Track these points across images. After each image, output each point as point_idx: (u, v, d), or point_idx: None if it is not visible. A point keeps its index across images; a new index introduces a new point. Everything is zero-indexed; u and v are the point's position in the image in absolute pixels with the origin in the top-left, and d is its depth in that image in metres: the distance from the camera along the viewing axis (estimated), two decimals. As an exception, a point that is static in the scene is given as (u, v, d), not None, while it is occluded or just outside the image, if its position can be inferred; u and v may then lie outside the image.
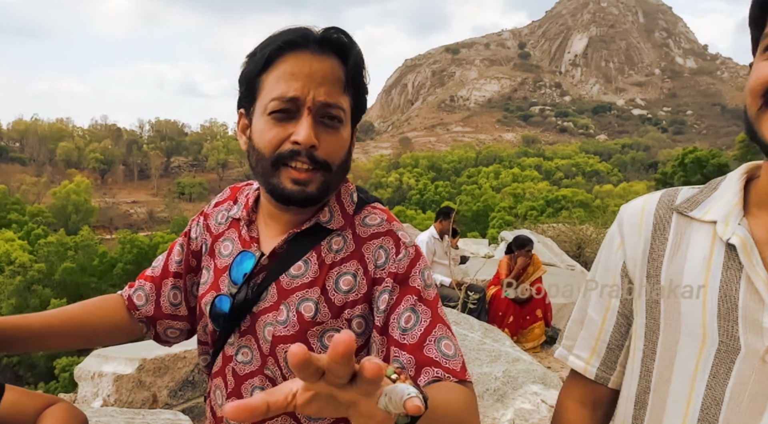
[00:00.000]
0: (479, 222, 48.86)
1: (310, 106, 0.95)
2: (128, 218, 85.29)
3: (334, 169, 1.00)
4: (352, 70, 0.99)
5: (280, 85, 0.96)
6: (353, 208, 1.08)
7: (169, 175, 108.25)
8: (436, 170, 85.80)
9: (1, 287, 32.51)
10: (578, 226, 10.89)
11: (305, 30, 0.99)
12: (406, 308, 0.97)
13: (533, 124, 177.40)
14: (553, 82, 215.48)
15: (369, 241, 1.03)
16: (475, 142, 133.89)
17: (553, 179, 76.03)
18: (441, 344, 0.95)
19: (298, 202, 1.01)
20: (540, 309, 5.63)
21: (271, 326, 1.02)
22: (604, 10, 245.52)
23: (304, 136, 0.94)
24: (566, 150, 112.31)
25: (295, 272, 1.03)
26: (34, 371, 30.22)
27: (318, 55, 0.97)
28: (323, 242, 1.05)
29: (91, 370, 3.76)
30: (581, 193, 55.01)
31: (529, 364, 4.18)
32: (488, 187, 62.78)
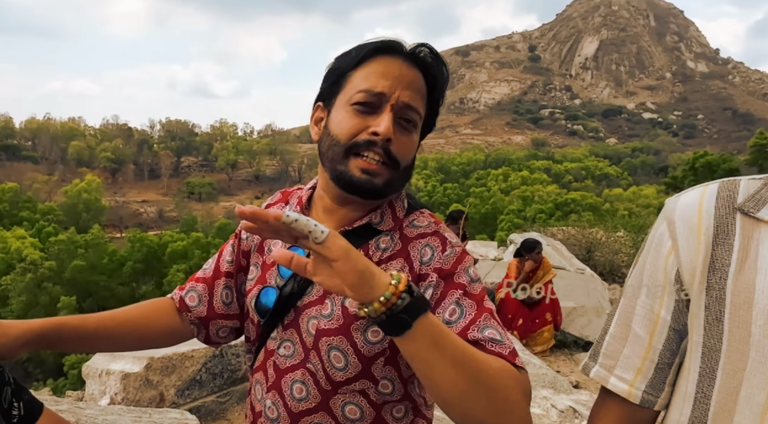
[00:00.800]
0: (488, 224, 48.67)
1: (393, 104, 1.00)
2: (138, 217, 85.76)
3: (401, 169, 1.04)
4: (431, 85, 1.05)
5: (369, 80, 1.01)
6: (403, 213, 1.11)
7: (179, 175, 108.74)
8: (444, 172, 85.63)
9: (12, 284, 32.75)
10: (588, 229, 10.80)
11: (399, 42, 1.04)
12: (451, 302, 0.97)
13: (543, 127, 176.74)
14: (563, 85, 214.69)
15: (415, 240, 1.06)
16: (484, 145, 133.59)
17: (562, 182, 75.55)
18: (485, 332, 0.94)
19: (363, 191, 1.03)
20: (549, 312, 5.58)
21: (315, 319, 1.04)
22: (615, 14, 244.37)
23: (384, 128, 0.98)
24: (576, 153, 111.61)
25: None
26: (43, 368, 30.40)
27: (408, 64, 1.03)
28: (371, 241, 1.07)
29: (98, 368, 3.76)
30: (591, 196, 54.64)
31: (538, 368, 4.13)
32: (497, 189, 62.52)
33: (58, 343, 1.06)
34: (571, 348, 5.90)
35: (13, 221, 51.69)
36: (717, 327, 0.74)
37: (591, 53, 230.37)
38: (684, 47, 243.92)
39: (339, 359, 1.02)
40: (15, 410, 0.95)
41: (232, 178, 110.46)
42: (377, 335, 1.01)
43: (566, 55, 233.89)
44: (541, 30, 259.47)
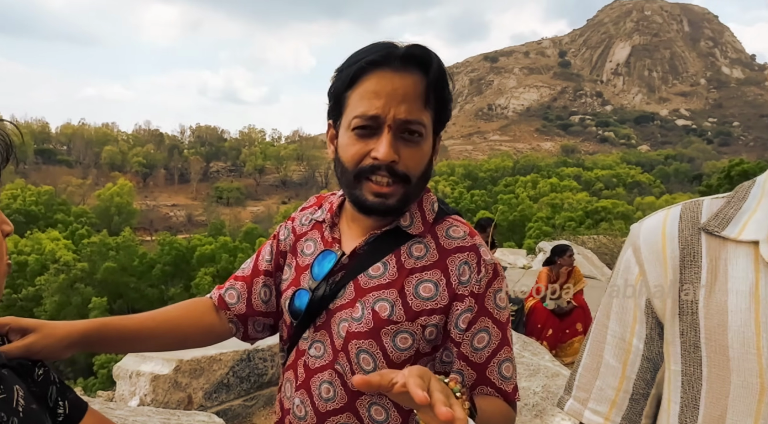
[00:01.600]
0: (516, 232, 48.19)
1: (390, 124, 1.00)
2: (168, 221, 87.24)
3: (413, 182, 1.05)
4: (433, 83, 1.03)
5: (363, 103, 1.01)
6: (433, 217, 1.12)
7: (208, 179, 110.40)
8: (472, 179, 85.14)
9: (46, 285, 33.57)
10: (620, 238, 10.60)
11: (389, 47, 1.03)
12: (481, 329, 1.03)
13: (573, 133, 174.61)
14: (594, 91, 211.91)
15: (453, 253, 1.07)
16: (512, 151, 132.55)
17: (592, 190, 74.44)
18: (502, 367, 1.04)
19: (379, 213, 1.07)
20: (580, 323, 5.47)
21: (346, 322, 1.06)
22: (648, 19, 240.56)
23: (383, 153, 1.00)
24: (607, 160, 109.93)
25: (373, 273, 1.08)
26: (74, 367, 31.04)
27: (400, 73, 1.01)
28: (403, 247, 1.09)
29: (129, 369, 3.80)
30: (622, 204, 53.73)
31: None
32: (525, 196, 61.89)
33: (101, 344, 1.08)
34: (602, 359, 5.77)
35: (48, 223, 53.11)
36: (695, 353, 0.71)
37: (623, 59, 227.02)
38: (719, 53, 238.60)
39: (368, 362, 1.05)
40: (60, 409, 0.96)
41: (260, 183, 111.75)
42: (406, 342, 1.04)
43: (597, 61, 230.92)
44: (572, 35, 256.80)
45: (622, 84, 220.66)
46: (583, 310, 5.54)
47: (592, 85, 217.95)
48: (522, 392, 3.75)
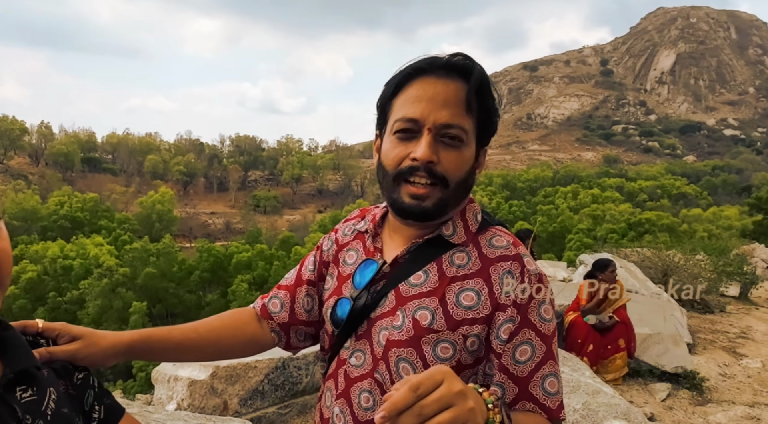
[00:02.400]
0: (555, 244, 47.25)
1: (430, 127, 1.01)
2: (206, 228, 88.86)
3: (452, 186, 1.04)
4: (474, 89, 1.04)
5: (404, 108, 1.04)
6: (477, 227, 1.11)
7: (246, 188, 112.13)
8: (510, 189, 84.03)
9: (89, 288, 34.53)
10: (664, 251, 10.24)
11: (433, 57, 1.05)
12: (523, 341, 1.01)
13: (615, 143, 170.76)
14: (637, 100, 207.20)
15: (496, 262, 1.05)
16: (552, 161, 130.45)
17: (636, 201, 72.42)
18: (546, 382, 1.02)
19: (415, 215, 1.06)
20: (623, 339, 5.28)
21: (386, 330, 1.06)
22: (694, 26, 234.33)
23: (422, 153, 1.01)
24: (651, 171, 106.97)
25: (414, 281, 1.07)
26: (114, 370, 31.77)
27: (443, 79, 1.03)
28: (444, 256, 1.08)
29: (167, 373, 3.85)
30: (667, 216, 52.06)
31: (610, 397, 3.89)
32: (565, 207, 60.66)
33: (146, 354, 1.12)
34: (645, 377, 5.56)
35: (92, 228, 54.75)
36: None
37: (667, 67, 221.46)
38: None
39: (407, 371, 1.03)
40: (95, 413, 0.97)
41: (297, 192, 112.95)
42: (447, 352, 1.02)
43: (641, 69, 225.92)
44: (614, 44, 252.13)
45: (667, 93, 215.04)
46: (626, 325, 5.35)
47: (636, 94, 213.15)
48: (562, 409, 3.63)
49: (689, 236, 23.38)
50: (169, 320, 36.74)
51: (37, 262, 38.28)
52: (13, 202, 56.12)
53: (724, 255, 11.77)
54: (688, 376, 5.49)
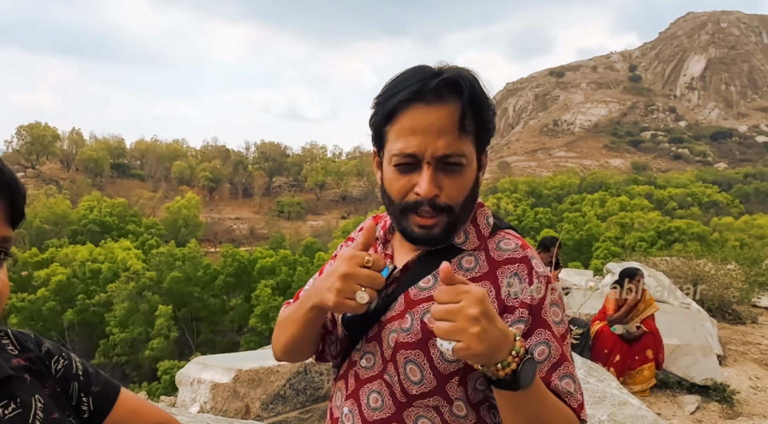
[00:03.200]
0: (582, 252, 46.64)
1: (429, 161, 1.02)
2: (231, 233, 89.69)
3: (457, 211, 1.06)
4: (466, 110, 1.02)
5: (400, 141, 1.03)
6: (489, 231, 1.13)
7: (271, 194, 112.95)
8: (536, 196, 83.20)
9: (117, 291, 35.15)
10: (695, 260, 10.01)
11: (421, 80, 1.02)
12: (540, 341, 1.02)
13: (644, 150, 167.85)
14: (666, 107, 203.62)
15: (503, 265, 1.07)
16: (579, 168, 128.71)
17: (665, 209, 71.10)
18: (563, 382, 1.03)
19: (425, 243, 1.10)
20: (651, 349, 5.16)
21: (395, 332, 1.08)
22: (724, 31, 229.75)
23: (424, 191, 1.02)
24: (681, 178, 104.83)
25: (423, 285, 1.09)
26: (140, 371, 32.28)
27: (434, 105, 1.01)
28: (454, 260, 1.09)
29: (191, 376, 3.88)
30: (697, 225, 50.99)
31: (637, 409, 3.81)
32: (592, 215, 59.85)
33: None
34: (674, 389, 5.43)
35: (120, 233, 55.76)
36: None
37: (698, 73, 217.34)
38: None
39: (415, 373, 1.06)
40: (84, 406, 0.92)
41: (320, 198, 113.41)
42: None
43: (670, 75, 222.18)
44: (642, 49, 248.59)
45: (697, 99, 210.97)
46: (654, 336, 5.24)
47: (665, 99, 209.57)
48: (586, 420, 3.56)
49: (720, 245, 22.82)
50: (193, 324, 37.16)
51: (67, 265, 39.10)
52: (45, 207, 57.54)
53: (756, 265, 11.49)
54: (718, 388, 5.35)
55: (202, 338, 36.52)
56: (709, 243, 33.27)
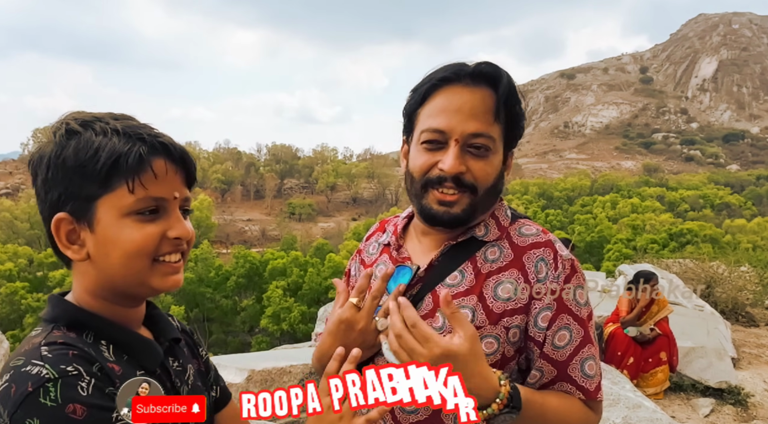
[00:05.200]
0: (593, 254, 46.39)
1: (457, 138, 1.02)
2: (243, 235, 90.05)
3: (481, 192, 1.05)
4: (503, 98, 1.03)
5: (431, 118, 1.04)
6: (508, 221, 1.13)
7: (282, 196, 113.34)
8: (546, 198, 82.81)
9: (131, 293, 35.33)
10: (707, 262, 9.92)
11: (460, 65, 1.05)
12: (561, 326, 1.03)
13: (655, 152, 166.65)
14: (678, 108, 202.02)
15: (529, 250, 1.06)
16: (590, 170, 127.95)
17: (677, 211, 70.54)
18: (585, 365, 1.04)
19: (444, 222, 1.07)
20: (665, 352, 5.13)
21: None
22: (736, 32, 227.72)
23: (449, 165, 1.02)
24: (693, 180, 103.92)
25: (450, 282, 1.07)
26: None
27: (470, 88, 1.03)
28: (478, 253, 1.08)
29: (204, 377, 3.90)
30: (709, 227, 50.49)
31: (652, 412, 3.79)
32: (604, 217, 59.49)
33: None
34: (688, 392, 5.39)
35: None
36: None
37: (709, 74, 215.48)
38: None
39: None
40: (213, 392, 1.08)
41: (331, 200, 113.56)
42: (492, 347, 1.03)
43: (682, 77, 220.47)
44: (654, 51, 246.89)
45: (709, 100, 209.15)
46: (668, 338, 5.20)
47: (677, 101, 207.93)
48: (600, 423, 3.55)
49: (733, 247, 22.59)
50: (205, 324, 37.35)
51: (81, 266, 39.35)
52: (59, 209, 57.96)
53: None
54: (732, 391, 5.31)
55: (214, 338, 36.68)
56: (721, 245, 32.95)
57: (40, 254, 42.38)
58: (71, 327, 0.88)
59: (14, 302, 34.49)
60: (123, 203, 0.86)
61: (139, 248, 0.87)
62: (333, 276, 39.06)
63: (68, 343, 0.83)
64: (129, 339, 0.91)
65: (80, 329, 0.88)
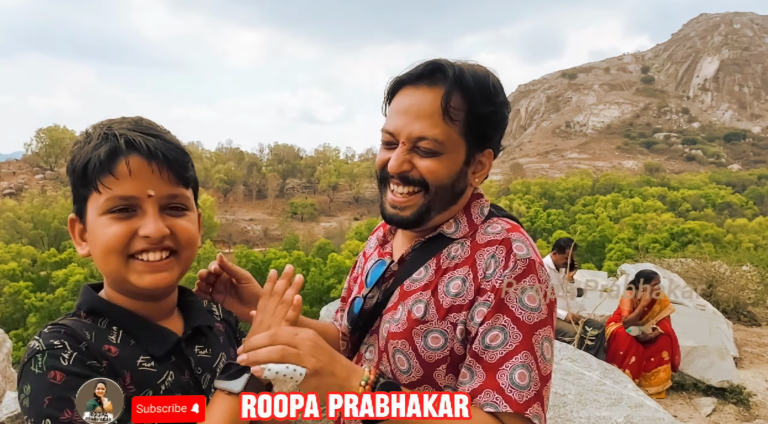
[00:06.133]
0: (595, 253, 46.42)
1: (404, 141, 1.04)
2: (245, 234, 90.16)
3: (432, 190, 1.05)
4: (448, 97, 1.01)
5: (387, 120, 1.08)
6: (481, 220, 1.12)
7: (284, 195, 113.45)
8: (548, 198, 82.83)
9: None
10: (709, 262, 9.96)
11: (418, 66, 1.06)
12: (495, 326, 0.99)
13: (657, 151, 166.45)
14: (679, 108, 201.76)
15: (483, 247, 1.06)
16: (592, 170, 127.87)
17: (678, 211, 70.56)
18: (515, 373, 0.96)
19: (396, 224, 1.12)
20: (667, 351, 5.17)
21: (388, 323, 1.11)
22: (737, 32, 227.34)
23: (391, 166, 1.06)
24: (694, 180, 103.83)
25: (416, 276, 1.11)
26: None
27: (421, 89, 1.03)
28: (444, 250, 1.10)
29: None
30: (711, 226, 50.55)
31: (654, 411, 3.83)
32: (605, 216, 59.54)
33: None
34: (690, 391, 5.43)
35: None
36: None
37: (711, 74, 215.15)
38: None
39: (402, 362, 1.07)
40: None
41: (333, 199, 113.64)
42: (438, 341, 1.04)
43: (683, 76, 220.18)
44: (655, 51, 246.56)
45: (711, 100, 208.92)
46: (670, 337, 5.24)
47: (678, 101, 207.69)
48: (602, 421, 3.58)
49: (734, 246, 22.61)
50: (207, 325, 37.46)
51: (84, 265, 39.47)
52: (63, 208, 58.23)
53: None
54: (734, 390, 5.34)
55: (216, 338, 36.80)
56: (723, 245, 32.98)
57: (44, 254, 42.50)
58: (89, 313, 0.98)
59: (17, 301, 34.61)
60: (97, 203, 0.93)
61: (108, 246, 0.92)
62: (335, 276, 39.29)
63: (67, 324, 0.92)
64: (138, 327, 0.97)
65: (96, 316, 0.97)
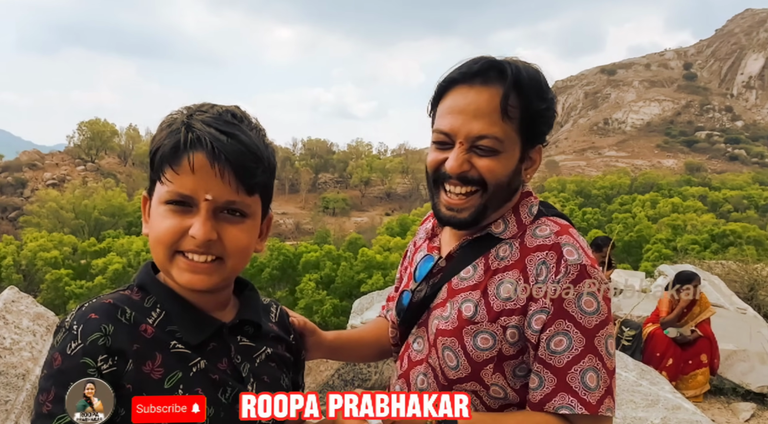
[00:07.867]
0: (631, 253, 45.39)
1: (461, 141, 1.05)
2: (278, 228, 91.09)
3: (491, 189, 1.06)
4: (509, 95, 1.03)
5: (440, 119, 1.08)
6: (530, 220, 1.13)
7: (316, 190, 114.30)
8: (584, 196, 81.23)
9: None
10: (751, 265, 9.63)
11: (471, 63, 1.06)
12: (558, 331, 1.01)
13: (698, 150, 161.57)
14: (723, 106, 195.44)
15: (533, 252, 1.06)
16: (630, 168, 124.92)
17: (719, 212, 68.35)
18: (586, 376, 1.00)
19: (452, 225, 1.14)
20: (705, 354, 5.03)
21: (437, 320, 1.13)
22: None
23: (450, 167, 1.06)
24: (737, 180, 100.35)
25: (464, 275, 1.13)
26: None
27: (476, 88, 1.04)
28: (492, 250, 1.11)
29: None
30: (753, 228, 48.78)
31: (692, 414, 3.73)
32: (643, 216, 58.06)
33: (337, 351, 1.32)
34: (728, 396, 5.27)
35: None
36: None
37: (756, 71, 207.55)
38: None
39: (451, 359, 1.10)
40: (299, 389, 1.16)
41: (365, 194, 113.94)
42: (487, 342, 1.06)
43: (727, 73, 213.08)
44: (698, 47, 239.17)
45: (755, 98, 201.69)
46: (709, 340, 5.10)
47: (721, 99, 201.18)
48: (638, 422, 3.50)
49: (779, 249, 21.83)
50: (240, 316, 38.06)
51: (123, 255, 40.55)
52: (103, 199, 59.84)
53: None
54: (775, 396, 5.17)
55: (247, 329, 37.38)
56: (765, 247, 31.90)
57: (84, 243, 43.77)
58: (140, 289, 0.98)
59: (59, 288, 35.78)
60: (160, 192, 0.93)
61: (159, 237, 0.93)
62: (365, 270, 39.40)
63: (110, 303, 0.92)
64: (182, 311, 0.96)
65: (145, 293, 0.98)
